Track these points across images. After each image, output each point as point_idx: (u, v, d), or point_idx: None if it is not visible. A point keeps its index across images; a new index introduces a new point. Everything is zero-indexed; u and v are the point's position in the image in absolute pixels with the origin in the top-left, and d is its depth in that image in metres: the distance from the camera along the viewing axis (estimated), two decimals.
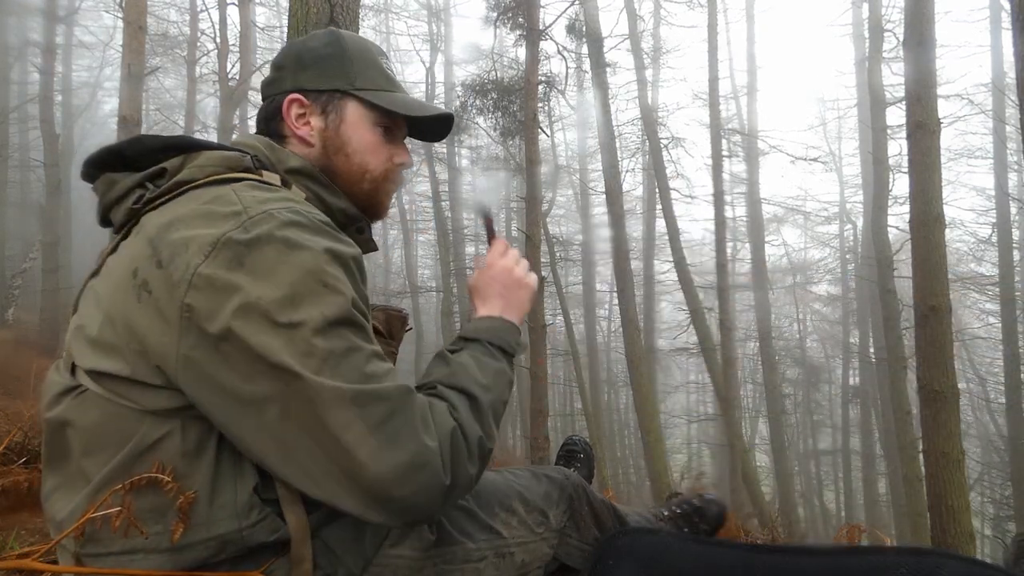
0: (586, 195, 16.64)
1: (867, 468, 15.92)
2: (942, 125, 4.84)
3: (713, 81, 12.12)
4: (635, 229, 16.81)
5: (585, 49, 10.37)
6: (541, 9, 9.16)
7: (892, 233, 9.89)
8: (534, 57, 8.34)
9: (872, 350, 15.10)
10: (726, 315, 11.23)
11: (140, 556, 0.71)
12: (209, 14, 12.92)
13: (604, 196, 10.13)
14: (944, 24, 15.33)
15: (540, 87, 9.01)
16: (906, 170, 4.95)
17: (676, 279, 12.27)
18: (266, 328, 0.66)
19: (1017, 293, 12.15)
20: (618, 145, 12.91)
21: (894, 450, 10.16)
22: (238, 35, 12.23)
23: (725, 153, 12.94)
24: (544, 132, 9.55)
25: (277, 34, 14.10)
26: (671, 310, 18.95)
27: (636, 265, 14.43)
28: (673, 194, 11.98)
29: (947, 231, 4.72)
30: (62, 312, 9.45)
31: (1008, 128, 10.53)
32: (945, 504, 4.17)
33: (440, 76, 17.26)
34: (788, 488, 12.25)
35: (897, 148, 10.02)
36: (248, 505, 0.72)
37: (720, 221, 11.57)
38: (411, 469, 0.67)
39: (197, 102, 14.31)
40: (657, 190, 12.33)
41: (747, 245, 15.48)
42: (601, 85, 9.49)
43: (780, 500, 12.06)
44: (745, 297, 17.22)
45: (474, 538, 0.94)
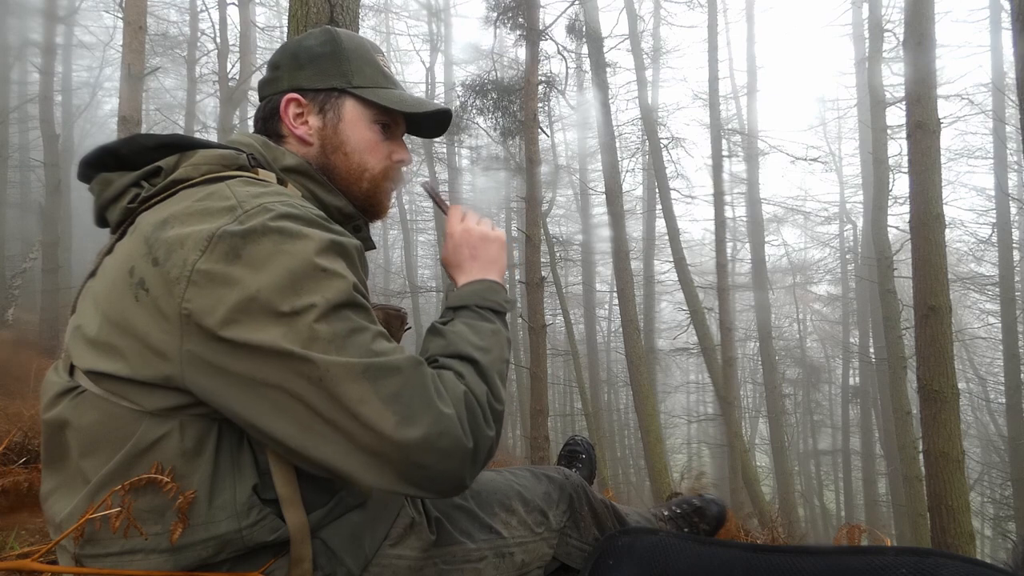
0: (586, 195, 16.63)
1: (867, 468, 15.91)
2: (942, 125, 4.85)
3: (713, 81, 12.13)
4: (635, 229, 16.83)
5: (585, 49, 10.37)
6: (541, 9, 9.15)
7: (892, 233, 9.89)
8: (534, 57, 8.33)
9: (872, 350, 15.10)
10: (726, 315, 11.23)
11: (140, 556, 0.70)
12: (209, 14, 12.95)
13: (604, 196, 10.13)
14: (944, 24, 15.37)
15: (540, 87, 9.01)
16: (906, 170, 4.95)
17: (676, 279, 12.27)
18: (270, 318, 0.66)
19: (1017, 293, 12.15)
20: (618, 145, 12.91)
21: (894, 450, 10.15)
22: (238, 35, 12.25)
23: (725, 153, 12.93)
24: (544, 132, 9.54)
25: (277, 34, 14.08)
26: (671, 310, 18.93)
27: (636, 265, 14.43)
28: (673, 194, 11.98)
29: (947, 231, 4.73)
30: (62, 312, 9.43)
31: (1008, 128, 10.53)
32: (945, 504, 4.18)
33: (440, 76, 17.28)
34: (788, 488, 12.23)
35: (897, 148, 10.04)
36: (247, 505, 0.71)
37: (720, 221, 11.58)
38: (433, 437, 0.67)
39: (197, 102, 14.30)
40: (657, 190, 12.33)
41: (747, 245, 15.46)
42: (601, 85, 9.48)
43: (780, 500, 12.05)
44: (745, 297, 17.24)
45: (474, 538, 0.94)
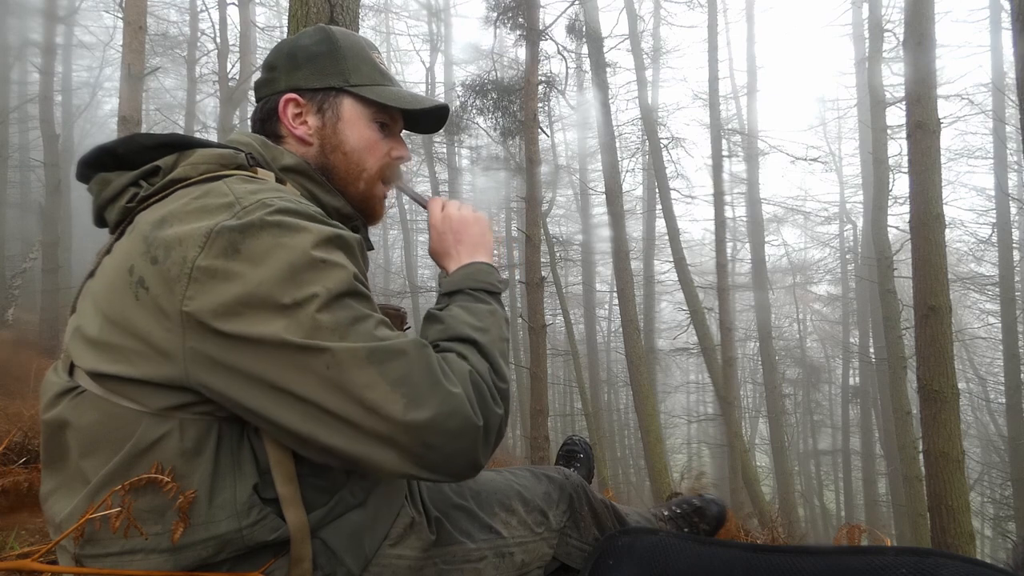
0: (586, 195, 16.63)
1: (867, 468, 15.91)
2: (942, 125, 4.85)
3: (713, 81, 12.13)
4: (635, 229, 16.83)
5: (585, 49, 10.37)
6: (541, 9, 9.15)
7: (892, 233, 9.89)
8: (534, 57, 8.33)
9: (872, 350, 15.10)
10: (726, 315, 11.23)
11: (140, 556, 0.70)
12: (209, 14, 12.95)
13: (604, 196, 10.13)
14: (944, 24, 15.38)
15: (540, 87, 9.01)
16: (906, 170, 4.95)
17: (676, 279, 12.27)
18: (272, 311, 0.66)
19: (1017, 293, 12.15)
20: (618, 145, 12.91)
21: (894, 450, 10.15)
22: (238, 35, 12.25)
23: (725, 153, 12.94)
24: (544, 132, 9.54)
25: (277, 34, 14.08)
26: (671, 310, 18.93)
27: (636, 265, 14.43)
28: (673, 194, 11.98)
29: (947, 231, 4.73)
30: (62, 312, 9.44)
31: (1008, 128, 10.53)
32: (945, 504, 4.18)
33: (440, 76, 17.30)
34: (788, 488, 12.23)
35: (897, 148, 10.05)
36: (248, 504, 0.71)
37: (720, 221, 11.59)
38: (442, 418, 0.67)
39: (197, 102, 14.30)
40: (657, 190, 12.33)
41: (747, 245, 15.46)
42: (601, 85, 9.48)
43: (780, 500, 12.05)
44: (745, 297, 17.23)
45: (474, 538, 0.94)
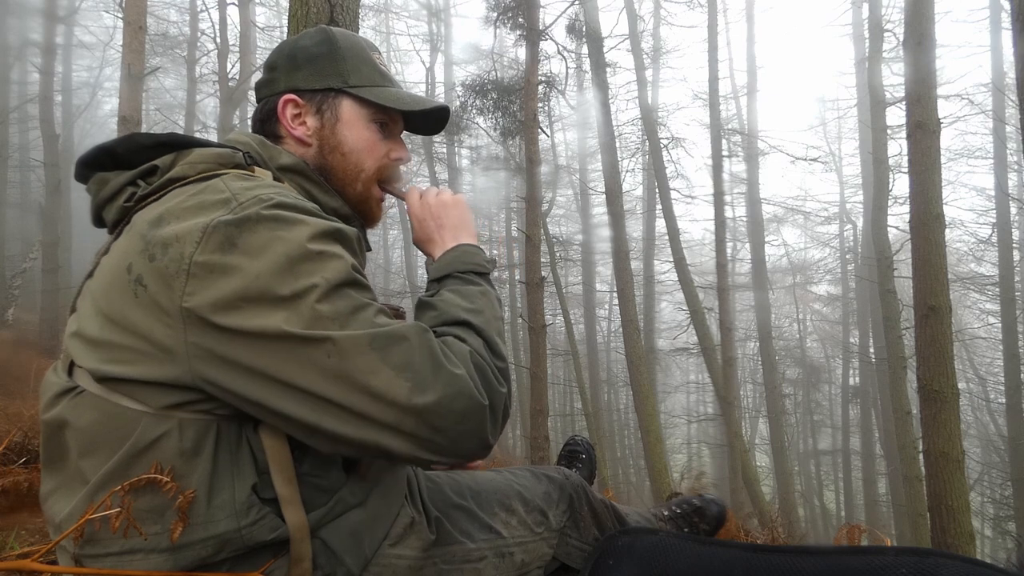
0: (586, 195, 16.63)
1: (867, 468, 15.92)
2: (942, 125, 4.85)
3: (713, 81, 12.14)
4: (635, 229, 16.83)
5: (585, 49, 10.38)
6: (541, 9, 9.15)
7: (892, 233, 9.89)
8: (534, 57, 8.33)
9: (872, 350, 15.10)
10: (726, 315, 11.23)
11: (139, 556, 0.70)
12: (209, 14, 12.96)
13: (604, 196, 10.13)
14: (944, 24, 15.38)
15: (540, 87, 9.01)
16: (906, 170, 4.95)
17: (676, 279, 12.27)
18: (271, 303, 0.67)
19: (1017, 293, 12.15)
20: (618, 145, 12.91)
21: (894, 450, 10.16)
22: (238, 35, 12.25)
23: (725, 153, 12.94)
24: (544, 132, 9.54)
25: (277, 34, 14.08)
26: (671, 310, 18.93)
27: (636, 265, 14.43)
28: (673, 194, 11.99)
29: (947, 231, 4.74)
30: (62, 312, 9.43)
31: (1008, 128, 10.53)
32: (945, 504, 4.18)
33: (440, 76, 17.30)
34: (788, 488, 12.23)
35: (897, 148, 10.05)
36: (247, 504, 0.71)
37: (720, 221, 11.59)
38: (449, 400, 0.68)
39: (197, 102, 14.30)
40: (657, 190, 12.33)
41: (747, 245, 15.46)
42: (601, 85, 9.48)
43: (780, 500, 12.05)
44: (745, 297, 17.24)
45: (474, 538, 0.94)
